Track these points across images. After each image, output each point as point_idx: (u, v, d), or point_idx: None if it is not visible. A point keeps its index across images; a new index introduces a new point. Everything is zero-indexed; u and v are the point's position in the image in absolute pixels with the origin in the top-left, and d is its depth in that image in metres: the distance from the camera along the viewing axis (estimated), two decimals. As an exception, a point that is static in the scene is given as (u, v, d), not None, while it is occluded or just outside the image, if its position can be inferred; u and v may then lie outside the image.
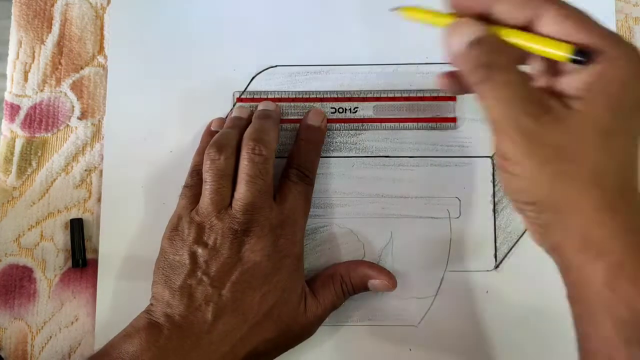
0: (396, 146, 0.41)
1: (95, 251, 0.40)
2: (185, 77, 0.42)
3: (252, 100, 0.42)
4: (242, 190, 0.36)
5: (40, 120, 0.42)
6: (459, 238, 0.40)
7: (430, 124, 0.41)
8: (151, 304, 0.35)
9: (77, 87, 0.42)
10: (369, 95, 0.41)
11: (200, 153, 0.39)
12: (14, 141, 0.42)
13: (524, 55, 0.30)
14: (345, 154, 0.41)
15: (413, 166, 0.41)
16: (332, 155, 0.41)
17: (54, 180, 0.41)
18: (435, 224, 0.40)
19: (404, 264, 0.40)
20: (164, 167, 0.41)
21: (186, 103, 0.42)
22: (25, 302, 0.40)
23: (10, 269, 0.41)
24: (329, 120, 0.41)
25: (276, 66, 0.42)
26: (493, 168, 0.41)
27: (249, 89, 0.42)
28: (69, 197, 0.41)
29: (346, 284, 0.38)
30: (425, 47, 0.42)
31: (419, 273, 0.40)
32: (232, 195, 0.36)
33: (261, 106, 0.40)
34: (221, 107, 0.42)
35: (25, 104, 0.42)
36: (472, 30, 0.29)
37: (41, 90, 0.42)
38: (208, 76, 0.42)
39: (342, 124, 0.41)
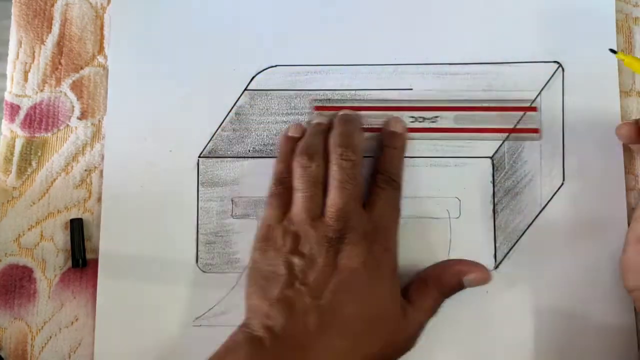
0: (396, 146, 0.41)
1: (95, 251, 0.40)
2: (185, 77, 0.42)
3: (330, 108, 0.41)
4: (332, 196, 0.36)
5: (40, 120, 0.42)
6: (459, 238, 0.40)
7: (511, 135, 0.41)
8: (248, 317, 0.35)
9: (77, 87, 0.42)
10: (449, 105, 0.41)
11: (282, 160, 0.39)
12: (14, 141, 0.42)
13: None
14: (345, 154, 0.41)
15: (413, 166, 0.41)
16: (332, 155, 0.41)
17: (54, 180, 0.41)
18: (435, 224, 0.40)
19: (404, 264, 0.40)
20: (164, 167, 0.41)
21: (186, 103, 0.42)
22: (25, 302, 0.40)
23: (10, 269, 0.41)
24: (409, 130, 0.41)
25: (276, 66, 0.42)
26: (493, 168, 0.41)
27: (249, 88, 0.42)
28: (69, 197, 0.41)
29: (442, 287, 0.37)
30: (426, 48, 0.42)
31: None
32: (324, 203, 0.36)
33: (342, 112, 0.40)
34: (221, 106, 0.42)
35: (25, 104, 0.42)
36: None
37: (41, 90, 0.42)
38: (208, 76, 0.42)
39: (422, 133, 0.41)
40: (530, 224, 0.40)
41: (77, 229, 0.40)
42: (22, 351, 0.40)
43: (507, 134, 0.41)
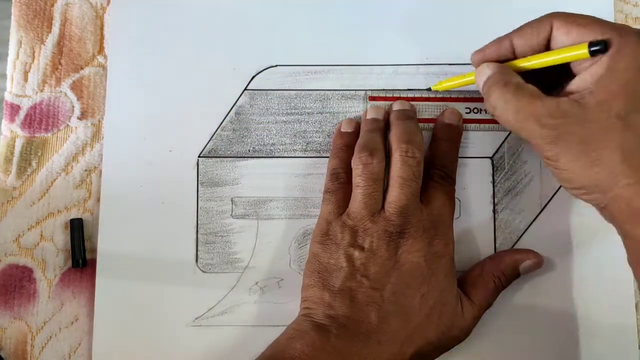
0: (396, 146, 0.41)
1: (95, 251, 0.40)
2: (185, 77, 0.42)
3: (385, 99, 0.41)
4: (395, 193, 0.36)
5: (40, 120, 0.42)
6: (459, 238, 0.40)
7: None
8: (307, 308, 0.36)
9: (77, 87, 0.42)
10: None
11: (336, 156, 0.39)
12: (14, 141, 0.42)
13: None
14: (345, 154, 0.41)
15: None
16: (332, 155, 0.41)
17: (54, 180, 0.41)
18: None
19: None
20: (163, 167, 0.41)
21: (186, 103, 0.42)
22: (25, 302, 0.40)
23: (10, 269, 0.41)
24: (464, 121, 0.41)
25: (276, 66, 0.42)
26: (493, 168, 0.41)
27: (249, 87, 0.42)
28: (69, 197, 0.41)
29: (499, 279, 0.38)
30: (425, 48, 0.42)
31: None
32: (384, 198, 0.37)
33: (397, 105, 0.40)
34: (221, 106, 0.42)
35: (25, 104, 0.42)
36: (484, 71, 0.36)
37: (41, 90, 0.42)
38: (208, 76, 0.42)
39: (478, 124, 0.41)
40: (530, 224, 0.40)
41: (77, 229, 0.40)
42: (22, 351, 0.40)
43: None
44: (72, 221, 0.41)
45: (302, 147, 0.41)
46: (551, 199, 0.40)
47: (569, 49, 0.33)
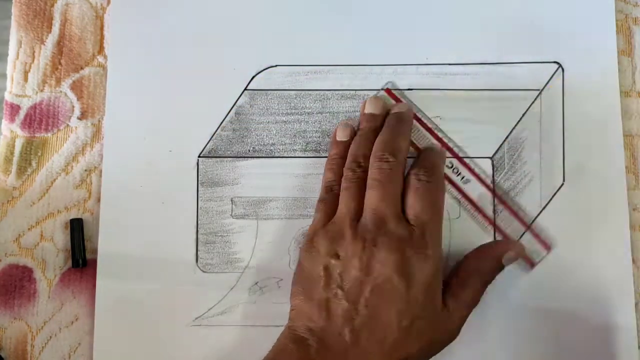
0: (396, 146, 0.41)
1: (96, 251, 0.40)
2: (185, 77, 0.42)
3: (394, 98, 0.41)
4: (369, 196, 0.36)
5: (40, 120, 0.42)
6: (459, 238, 0.40)
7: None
8: (291, 319, 0.36)
9: (77, 87, 0.42)
10: None
11: (331, 168, 0.39)
12: (14, 141, 0.42)
13: None
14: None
15: (413, 166, 0.41)
16: (332, 155, 0.41)
17: (54, 180, 0.41)
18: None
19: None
20: (163, 167, 0.41)
21: (186, 103, 0.42)
22: (25, 302, 0.40)
23: (10, 269, 0.41)
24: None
25: (276, 66, 0.42)
26: (493, 168, 0.41)
27: (249, 87, 0.42)
28: (69, 197, 0.41)
29: (484, 275, 0.37)
30: (426, 48, 0.42)
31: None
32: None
33: (395, 108, 0.40)
34: (221, 106, 0.42)
35: (25, 104, 0.42)
36: None
37: (41, 90, 0.42)
38: (208, 76, 0.42)
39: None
40: (530, 224, 0.40)
41: (77, 229, 0.41)
42: (22, 351, 0.40)
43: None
44: (72, 221, 0.41)
45: (302, 147, 0.41)
46: (551, 199, 0.40)
47: None
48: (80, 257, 0.40)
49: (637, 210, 0.40)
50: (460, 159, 0.41)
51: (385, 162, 0.36)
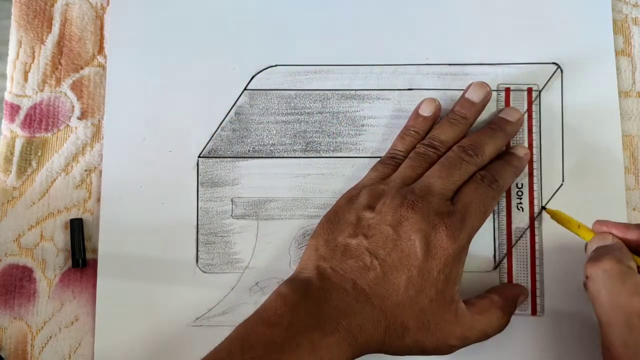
0: (396, 146, 0.41)
1: (96, 251, 0.40)
2: (185, 76, 0.42)
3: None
4: (432, 171, 0.36)
5: (40, 120, 0.42)
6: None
7: None
8: (302, 261, 0.36)
9: (77, 87, 0.42)
10: None
11: (403, 139, 0.39)
12: (14, 141, 0.42)
13: None
14: (345, 154, 0.41)
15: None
16: (332, 156, 0.41)
17: (54, 180, 0.41)
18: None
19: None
20: (163, 167, 0.41)
21: (186, 103, 0.42)
22: (25, 302, 0.40)
23: (10, 269, 0.41)
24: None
25: (276, 65, 0.42)
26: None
27: (249, 87, 0.42)
28: (69, 197, 0.41)
29: (505, 308, 0.36)
30: (426, 48, 0.42)
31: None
32: None
33: (504, 114, 0.40)
34: (221, 106, 0.42)
35: (25, 104, 0.42)
36: (604, 240, 0.34)
37: (41, 90, 0.42)
38: (208, 75, 0.42)
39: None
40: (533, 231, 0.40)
41: (77, 229, 0.40)
42: (22, 351, 0.40)
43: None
44: (72, 221, 0.41)
45: (302, 147, 0.41)
46: (550, 199, 0.40)
47: None
48: (80, 257, 0.40)
49: (636, 210, 0.40)
50: None
51: (467, 156, 0.36)
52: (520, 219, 0.40)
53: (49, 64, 0.42)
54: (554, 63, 0.41)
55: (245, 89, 0.42)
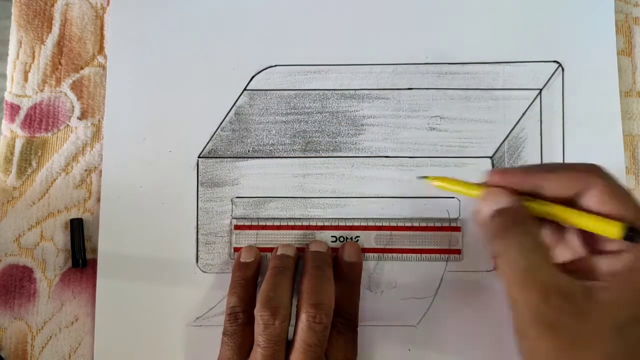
0: (396, 146, 0.41)
1: (96, 251, 0.40)
2: (184, 77, 0.42)
3: (247, 227, 0.41)
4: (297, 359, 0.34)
5: (40, 120, 0.42)
6: (459, 238, 0.40)
7: (435, 255, 0.40)
8: None
9: (77, 87, 0.42)
10: (370, 224, 0.40)
11: (234, 293, 0.37)
12: (14, 141, 0.42)
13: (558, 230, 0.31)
14: (345, 154, 0.41)
15: (413, 166, 0.41)
16: (332, 155, 0.41)
17: (54, 180, 0.41)
18: (436, 225, 0.40)
19: (404, 264, 0.40)
20: (163, 167, 0.41)
21: (186, 103, 0.42)
22: (25, 302, 0.40)
23: (10, 269, 0.41)
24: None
25: (276, 65, 0.42)
26: (493, 168, 0.41)
27: (249, 87, 0.42)
28: (69, 197, 0.41)
29: None
30: (425, 47, 0.42)
31: (419, 273, 0.40)
32: (287, 358, 0.35)
33: (314, 246, 0.38)
34: (221, 106, 0.42)
35: (25, 104, 0.42)
36: (499, 200, 0.31)
37: (41, 90, 0.42)
38: (208, 76, 0.42)
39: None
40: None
41: (77, 229, 0.41)
42: (22, 351, 0.40)
43: (431, 254, 0.40)
44: (72, 221, 0.41)
45: (302, 147, 0.41)
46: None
47: (602, 222, 0.29)
48: (80, 257, 0.40)
49: (637, 210, 0.40)
50: None
51: (318, 324, 0.34)
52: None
53: (49, 64, 0.42)
54: (555, 61, 0.41)
55: (244, 89, 0.42)
